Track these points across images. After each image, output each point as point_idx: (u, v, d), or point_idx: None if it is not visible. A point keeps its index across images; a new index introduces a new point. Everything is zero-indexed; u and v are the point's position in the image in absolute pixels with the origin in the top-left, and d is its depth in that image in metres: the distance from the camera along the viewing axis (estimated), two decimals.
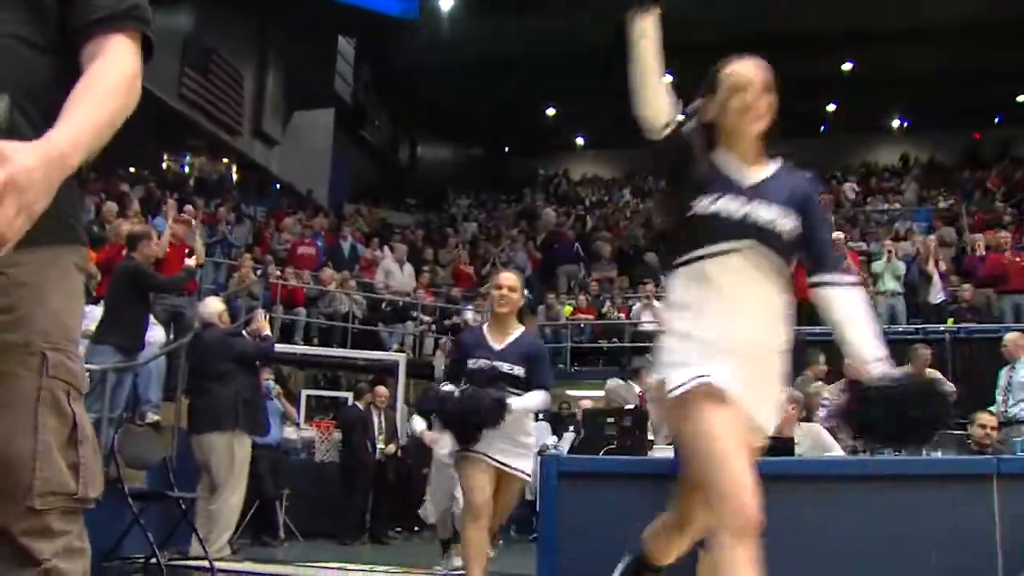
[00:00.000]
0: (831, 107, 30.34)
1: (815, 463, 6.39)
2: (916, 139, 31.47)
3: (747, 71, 3.37)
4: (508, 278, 5.70)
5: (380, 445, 11.29)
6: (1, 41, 1.63)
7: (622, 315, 16.16)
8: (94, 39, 1.66)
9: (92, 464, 1.69)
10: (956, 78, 25.52)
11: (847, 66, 26.68)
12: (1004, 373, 9.56)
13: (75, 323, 1.75)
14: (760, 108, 3.30)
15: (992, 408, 8.46)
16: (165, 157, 23.39)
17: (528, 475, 5.66)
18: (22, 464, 1.60)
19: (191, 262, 9.64)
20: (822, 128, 31.21)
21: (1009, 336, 9.63)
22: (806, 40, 23.57)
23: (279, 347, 11.36)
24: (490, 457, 5.33)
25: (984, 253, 14.94)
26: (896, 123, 32.18)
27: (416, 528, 11.67)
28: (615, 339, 15.83)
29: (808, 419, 7.77)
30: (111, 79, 1.62)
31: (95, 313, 8.06)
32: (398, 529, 11.91)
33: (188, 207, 13.67)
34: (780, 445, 6.21)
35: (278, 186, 23.53)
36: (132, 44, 1.69)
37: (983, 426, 7.11)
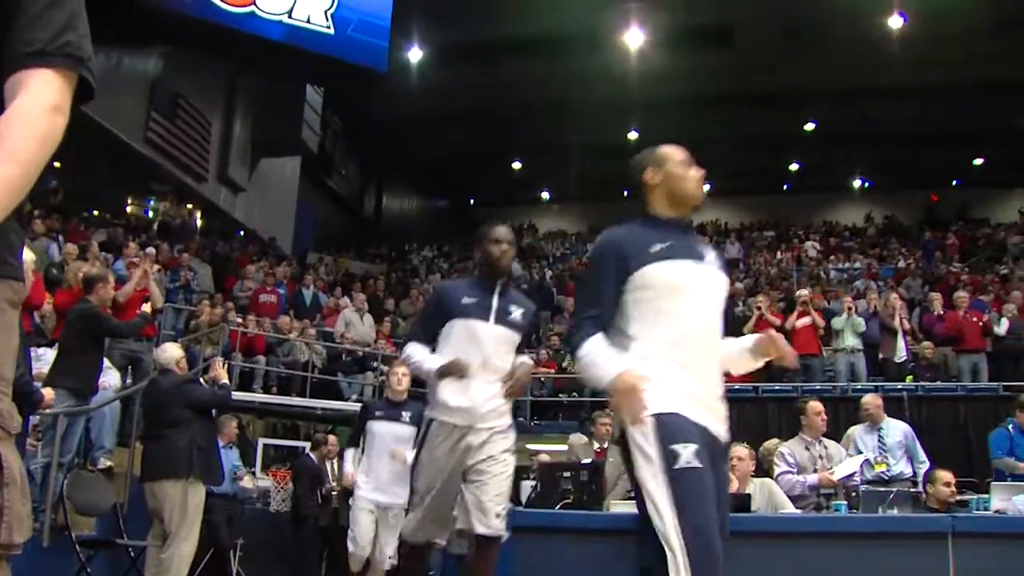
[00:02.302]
0: (794, 166, 30.73)
1: (771, 520, 6.38)
2: (877, 199, 31.97)
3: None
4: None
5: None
6: None
7: None
8: (20, 72, 1.64)
9: (19, 508, 1.64)
10: (916, 140, 26.01)
11: (810, 126, 27.05)
12: (861, 435, 9.09)
13: (6, 360, 1.71)
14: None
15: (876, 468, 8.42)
16: (129, 201, 23.26)
17: None
18: None
19: (147, 307, 9.57)
20: (785, 186, 31.62)
21: (867, 399, 9.67)
22: (770, 100, 23.94)
23: (238, 395, 11.26)
24: None
25: (942, 312, 15.11)
26: (857, 183, 32.65)
27: None
28: (575, 393, 15.80)
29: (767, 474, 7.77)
30: (27, 117, 1.60)
31: (48, 356, 7.96)
32: None
33: (149, 250, 13.60)
34: (737, 501, 6.19)
35: (242, 233, 23.44)
36: (58, 79, 1.66)
37: (947, 484, 7.13)
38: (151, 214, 23.65)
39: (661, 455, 3.14)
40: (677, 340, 3.32)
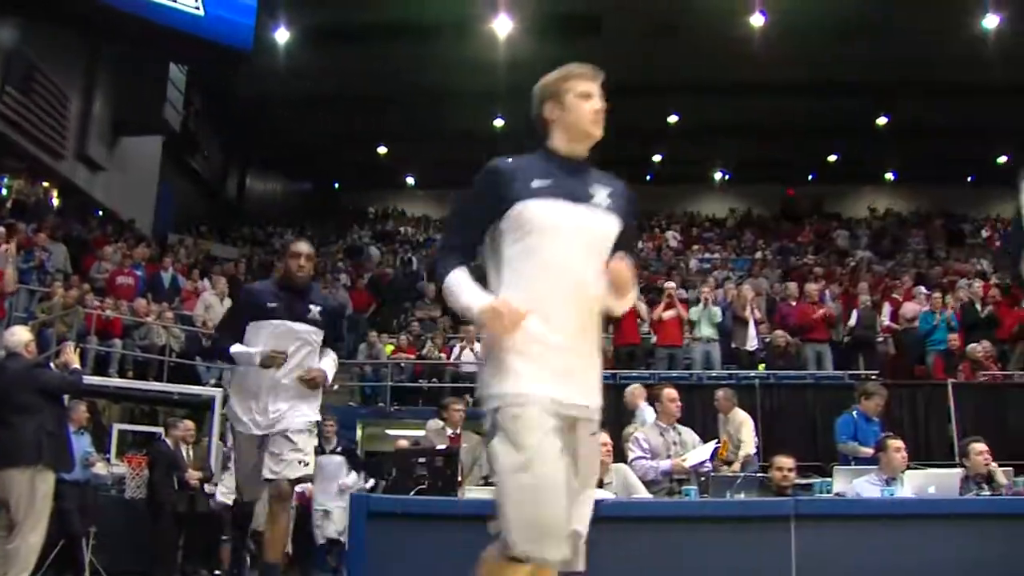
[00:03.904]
0: (657, 157, 31.26)
1: (624, 505, 6.53)
2: (736, 191, 32.78)
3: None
4: None
5: (194, 482, 11.04)
6: None
7: (443, 355, 16.20)
8: None
9: None
10: (774, 135, 26.70)
11: (673, 118, 27.53)
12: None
13: None
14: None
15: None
16: None
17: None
18: None
19: None
20: (648, 177, 32.13)
21: (631, 388, 10.23)
22: (635, 91, 24.30)
23: (92, 379, 11.00)
24: None
25: (795, 303, 15.61)
26: (718, 175, 33.42)
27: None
28: (435, 379, 15.84)
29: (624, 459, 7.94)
30: None
31: None
32: (216, 572, 11.53)
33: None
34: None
35: (100, 213, 22.79)
36: None
37: (780, 469, 7.37)
38: (4, 192, 22.80)
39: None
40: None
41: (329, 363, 6.04)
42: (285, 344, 5.79)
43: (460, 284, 3.24)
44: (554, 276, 3.21)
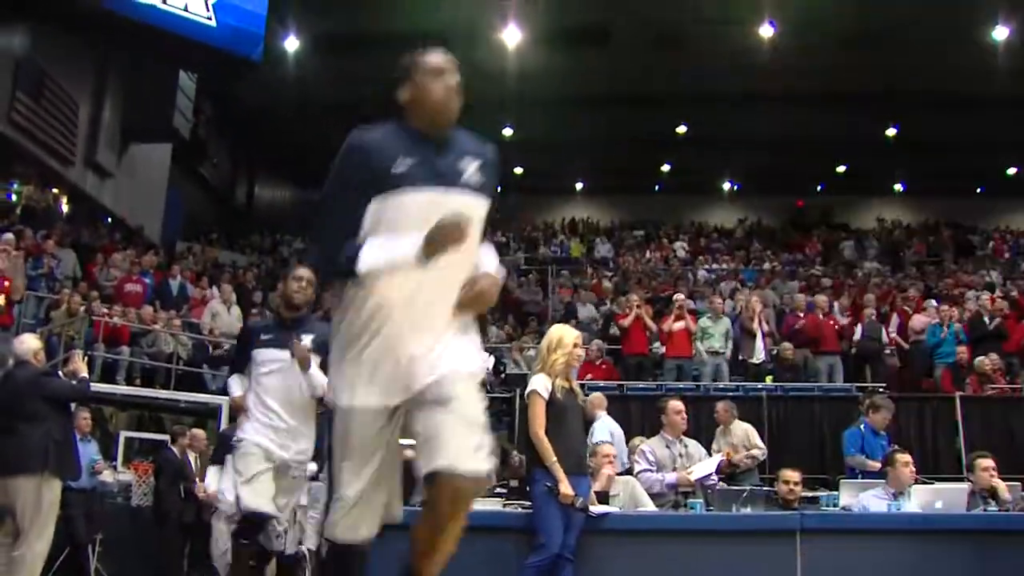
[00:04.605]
0: (666, 167, 31.23)
1: (631, 518, 6.52)
2: (745, 202, 32.70)
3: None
4: None
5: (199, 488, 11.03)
6: None
7: None
8: None
9: None
10: (784, 146, 26.67)
11: (682, 128, 27.52)
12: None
13: None
14: None
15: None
16: None
17: None
18: None
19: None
20: (657, 187, 32.11)
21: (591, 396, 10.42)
22: (644, 101, 24.29)
23: (100, 387, 11.01)
24: None
25: (803, 315, 15.59)
26: (727, 186, 33.36)
27: None
28: None
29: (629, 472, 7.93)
30: None
31: None
32: None
33: (8, 236, 13.17)
34: (598, 498, 6.33)
35: (109, 220, 22.83)
36: None
37: (786, 482, 7.35)
38: (14, 198, 22.86)
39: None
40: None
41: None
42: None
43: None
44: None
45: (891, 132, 27.10)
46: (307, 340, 6.03)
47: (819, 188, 32.32)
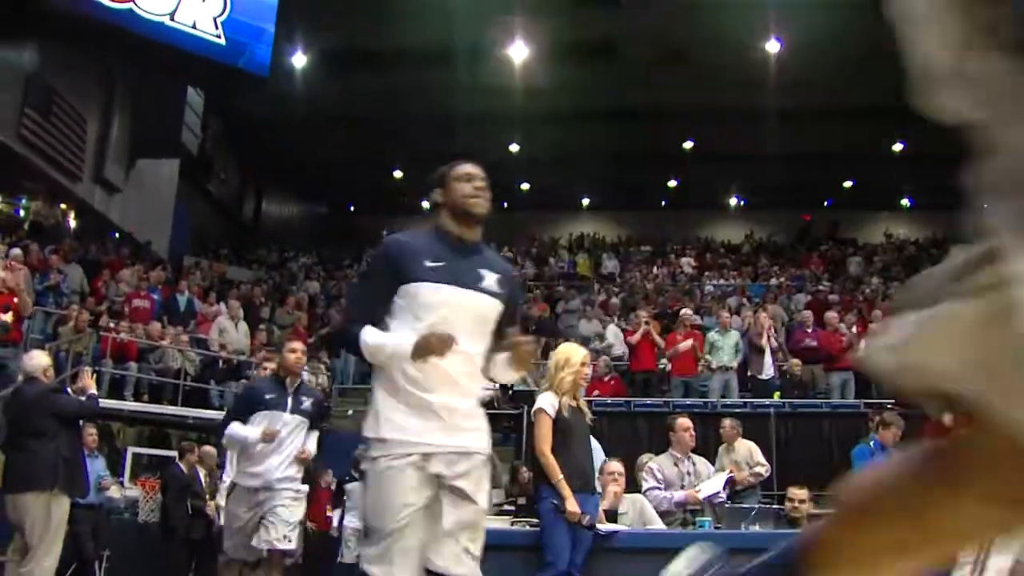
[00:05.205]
0: (672, 183, 31.24)
1: (639, 536, 6.50)
2: (751, 217, 32.67)
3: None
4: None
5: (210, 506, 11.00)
6: None
7: None
8: None
9: None
10: (791, 161, 26.65)
11: (688, 144, 27.54)
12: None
13: None
14: None
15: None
16: (0, 199, 22.53)
17: None
18: None
19: (7, 317, 9.27)
20: (663, 202, 32.12)
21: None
22: (651, 117, 24.32)
23: (107, 402, 11.02)
24: None
25: (812, 330, 15.56)
26: (733, 201, 33.36)
27: None
28: None
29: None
30: None
31: None
32: None
33: (16, 252, 13.21)
34: (606, 516, 6.32)
35: (117, 235, 22.89)
36: None
37: (793, 500, 7.33)
38: (22, 213, 22.93)
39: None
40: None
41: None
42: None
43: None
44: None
45: (898, 147, 27.11)
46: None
47: (826, 203, 32.31)
